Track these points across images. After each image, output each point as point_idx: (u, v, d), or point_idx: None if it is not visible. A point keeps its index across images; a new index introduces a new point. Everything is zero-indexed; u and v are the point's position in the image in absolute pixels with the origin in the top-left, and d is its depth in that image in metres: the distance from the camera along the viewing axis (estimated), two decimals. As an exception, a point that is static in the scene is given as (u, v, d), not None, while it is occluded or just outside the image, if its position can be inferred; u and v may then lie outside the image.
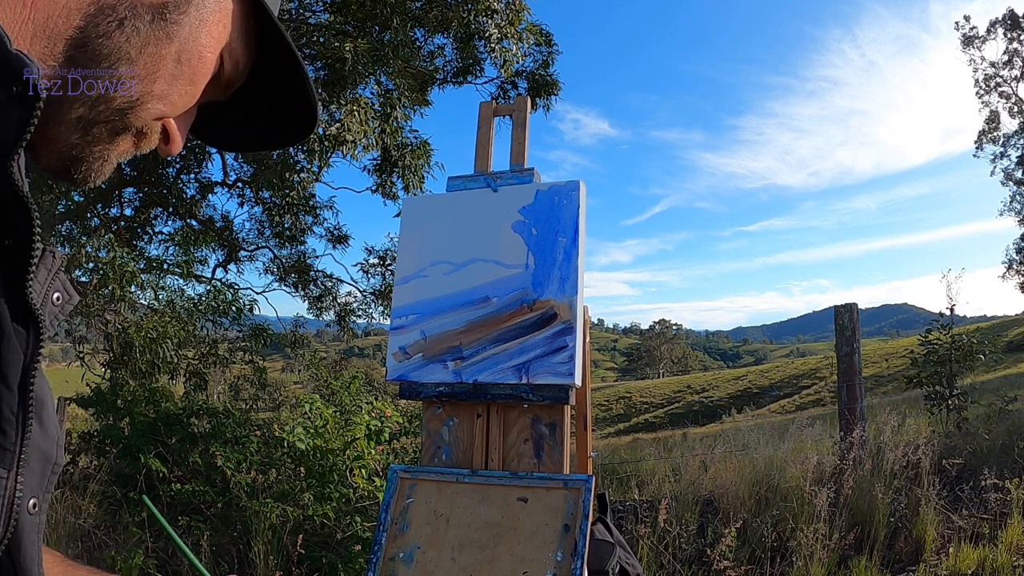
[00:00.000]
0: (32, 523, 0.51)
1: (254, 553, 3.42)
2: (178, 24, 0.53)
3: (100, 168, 0.55)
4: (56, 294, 0.56)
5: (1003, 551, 3.56)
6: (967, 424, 5.51)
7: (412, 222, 1.37)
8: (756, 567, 3.61)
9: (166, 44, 0.52)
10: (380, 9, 6.32)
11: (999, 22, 28.76)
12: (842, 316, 5.09)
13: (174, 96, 0.55)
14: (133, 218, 8.28)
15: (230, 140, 0.73)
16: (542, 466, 1.19)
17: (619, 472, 5.57)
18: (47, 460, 0.52)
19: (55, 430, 0.54)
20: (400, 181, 7.16)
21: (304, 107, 0.67)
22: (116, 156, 0.56)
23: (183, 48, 0.54)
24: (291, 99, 0.67)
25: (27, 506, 0.50)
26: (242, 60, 0.61)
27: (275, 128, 0.70)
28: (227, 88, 0.63)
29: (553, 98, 7.63)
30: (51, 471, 0.53)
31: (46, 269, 0.54)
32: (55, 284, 0.55)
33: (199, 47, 0.55)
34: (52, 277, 0.55)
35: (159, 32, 0.51)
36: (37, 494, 0.51)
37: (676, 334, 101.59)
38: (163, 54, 0.52)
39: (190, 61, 0.55)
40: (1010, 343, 31.41)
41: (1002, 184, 30.06)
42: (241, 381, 8.23)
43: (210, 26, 0.55)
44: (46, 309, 0.54)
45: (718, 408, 35.31)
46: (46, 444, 0.52)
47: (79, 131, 0.52)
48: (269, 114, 0.69)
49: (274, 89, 0.66)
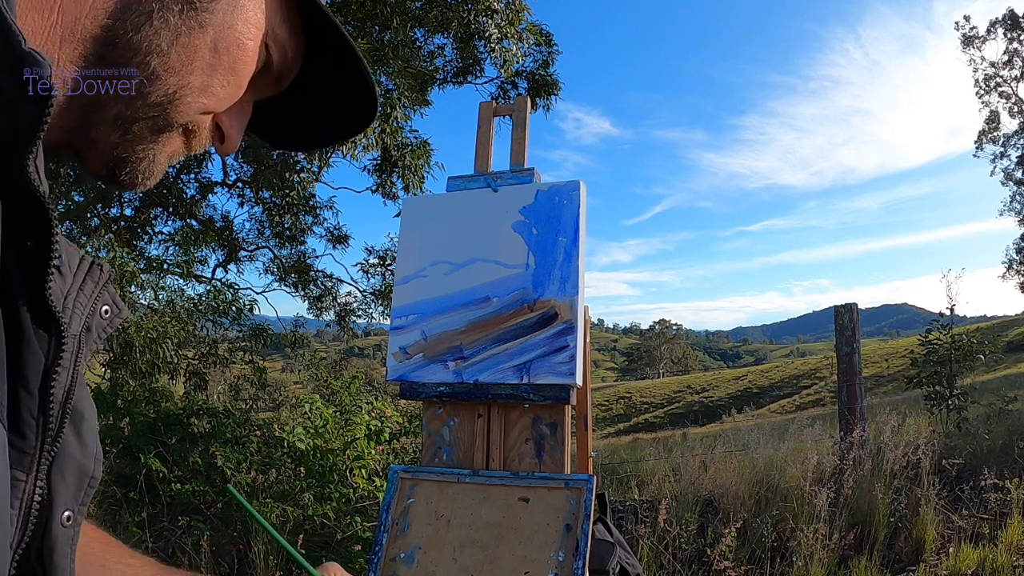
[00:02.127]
0: (66, 536, 0.50)
1: (254, 553, 3.42)
2: (210, 12, 0.51)
3: (148, 169, 0.54)
4: (105, 307, 0.55)
5: (1003, 551, 3.56)
6: (967, 424, 5.51)
7: (412, 222, 1.37)
8: (756, 567, 3.61)
9: (199, 34, 0.51)
10: (380, 9, 6.32)
11: (999, 22, 28.76)
12: (842, 316, 5.09)
13: (216, 88, 0.53)
14: (133, 218, 8.28)
15: (290, 138, 0.71)
16: (543, 466, 1.19)
17: (619, 472, 5.57)
18: (84, 474, 0.52)
19: (94, 444, 0.53)
20: (400, 181, 7.16)
21: (360, 95, 0.65)
22: (165, 157, 0.55)
23: (219, 36, 0.52)
24: (345, 89, 0.65)
25: (61, 518, 0.49)
26: (290, 47, 0.59)
27: (334, 121, 0.68)
28: (279, 80, 0.61)
29: (553, 98, 7.64)
30: (88, 485, 0.52)
31: (93, 282, 0.54)
32: (103, 297, 0.55)
33: (236, 34, 0.53)
34: (100, 290, 0.55)
35: (190, 22, 0.50)
36: (72, 507, 0.51)
37: (676, 334, 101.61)
38: (197, 44, 0.51)
39: (228, 49, 0.53)
40: (1010, 343, 31.42)
41: (1002, 184, 30.09)
42: (241, 381, 8.23)
43: (246, 12, 0.53)
44: (93, 320, 0.54)
45: (718, 408, 35.31)
46: (84, 457, 0.52)
47: (119, 130, 0.51)
48: (326, 106, 0.67)
49: (327, 79, 0.64)
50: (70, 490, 0.50)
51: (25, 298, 0.45)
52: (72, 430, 0.50)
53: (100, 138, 0.51)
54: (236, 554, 3.66)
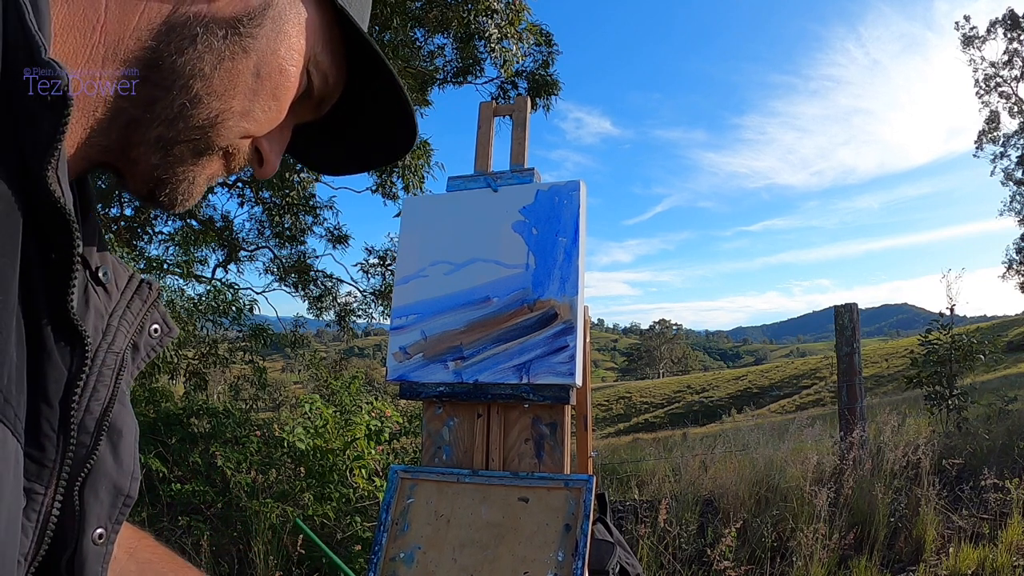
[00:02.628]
0: (97, 553, 0.50)
1: (254, 553, 3.42)
2: (254, 37, 0.51)
3: (187, 191, 0.54)
4: (155, 326, 0.56)
5: (1003, 551, 3.56)
6: (967, 424, 5.51)
7: (412, 222, 1.37)
8: (756, 567, 3.61)
9: (243, 59, 0.51)
10: (380, 9, 6.32)
11: (999, 22, 28.77)
12: (842, 316, 5.09)
13: (257, 112, 0.54)
14: (133, 218, 8.28)
15: (328, 162, 0.71)
16: (543, 466, 1.19)
17: (619, 472, 5.57)
18: (119, 492, 0.52)
19: (131, 463, 0.53)
20: (400, 181, 7.17)
21: (399, 123, 0.64)
22: (205, 179, 0.55)
23: (261, 62, 0.52)
24: (384, 116, 0.64)
25: (93, 535, 0.49)
26: (331, 74, 0.59)
27: (370, 146, 0.68)
28: (320, 105, 0.61)
29: (553, 98, 7.64)
30: (123, 503, 0.52)
31: (141, 300, 0.54)
32: (153, 315, 0.55)
33: (279, 60, 0.53)
34: (148, 308, 0.55)
35: (234, 47, 0.50)
36: (105, 524, 0.50)
37: (676, 334, 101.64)
38: (240, 69, 0.51)
39: (271, 75, 0.53)
40: (1010, 343, 31.42)
41: (1002, 184, 30.10)
42: (241, 381, 8.23)
43: (290, 38, 0.53)
44: (141, 338, 0.54)
45: (718, 408, 35.31)
46: (119, 476, 0.52)
47: (159, 151, 0.51)
48: (363, 132, 0.67)
49: (366, 104, 0.63)
50: (103, 507, 0.50)
51: (47, 312, 0.44)
52: (109, 447, 0.50)
53: (141, 159, 0.51)
54: (236, 554, 3.66)
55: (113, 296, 0.52)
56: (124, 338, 0.52)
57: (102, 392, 0.49)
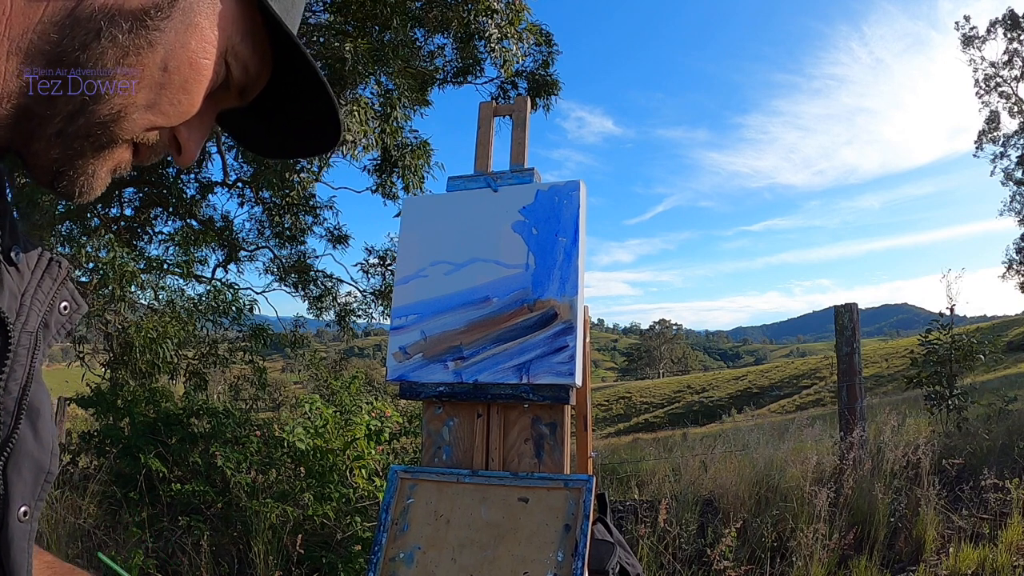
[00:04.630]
0: (22, 531, 0.50)
1: (254, 553, 3.42)
2: (161, 31, 0.49)
3: (87, 183, 0.53)
4: (64, 303, 0.55)
5: (1003, 551, 3.56)
6: (967, 424, 5.51)
7: (412, 222, 1.37)
8: (756, 567, 3.61)
9: (148, 52, 0.49)
10: (380, 9, 6.32)
11: (999, 22, 28.76)
12: (842, 316, 5.09)
13: (164, 106, 0.52)
14: (133, 218, 8.28)
15: (259, 143, 0.70)
16: (542, 466, 1.19)
17: (619, 472, 5.56)
18: (40, 469, 0.52)
19: (50, 439, 0.53)
20: (400, 181, 7.16)
21: (327, 117, 0.63)
22: (108, 170, 0.54)
23: (169, 56, 0.50)
24: (314, 105, 0.63)
25: (18, 513, 0.50)
26: (253, 63, 0.57)
27: (298, 137, 0.67)
28: (242, 94, 0.60)
29: (553, 98, 7.65)
30: (44, 479, 0.53)
31: (51, 278, 0.54)
32: (62, 293, 0.55)
33: (188, 53, 0.51)
34: (58, 286, 0.55)
35: (139, 40, 0.49)
36: (29, 502, 0.51)
37: (676, 334, 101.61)
38: (145, 63, 0.49)
39: (180, 69, 0.51)
40: (1010, 343, 31.42)
41: (1002, 184, 30.08)
42: (241, 381, 8.23)
43: (202, 30, 0.52)
44: (52, 316, 0.54)
45: (718, 408, 35.30)
46: (40, 453, 0.52)
47: (59, 146, 0.50)
48: (293, 122, 0.65)
49: (297, 96, 0.62)
50: (27, 485, 0.51)
51: None
52: (28, 426, 0.51)
53: (41, 152, 0.50)
54: (236, 554, 3.66)
55: (24, 275, 0.52)
56: (37, 317, 0.52)
57: (19, 372, 0.49)
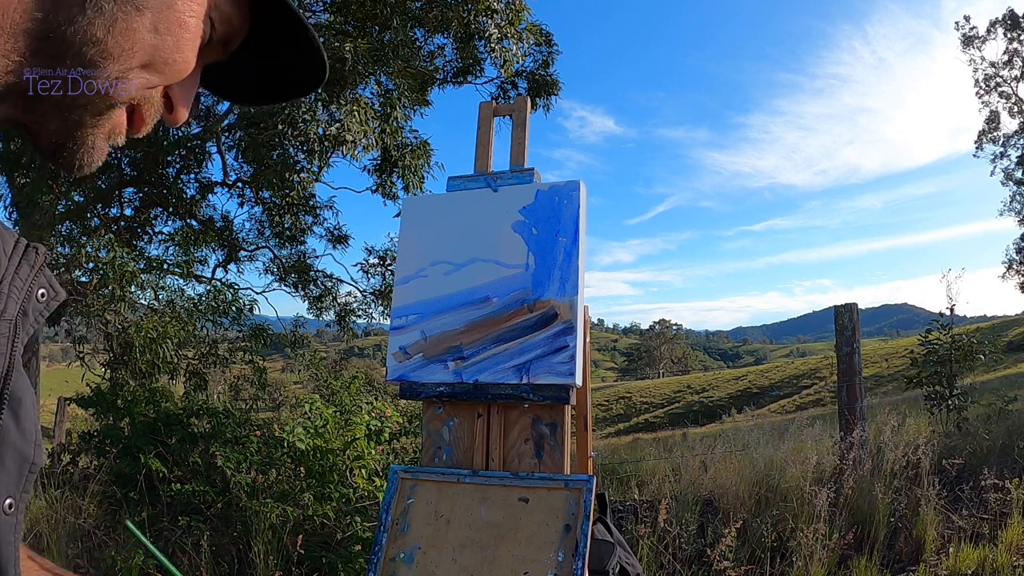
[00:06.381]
0: (8, 523, 0.50)
1: (254, 553, 3.42)
2: None
3: (86, 156, 0.53)
4: (41, 290, 0.55)
5: (1003, 551, 3.56)
6: (967, 424, 5.50)
7: (412, 222, 1.37)
8: (756, 567, 3.60)
9: (136, 17, 0.49)
10: (380, 9, 6.32)
11: (999, 22, 28.75)
12: (842, 316, 5.09)
13: (159, 65, 0.52)
14: (133, 218, 8.28)
15: (243, 93, 0.70)
16: (543, 466, 1.19)
17: (619, 472, 5.56)
18: (24, 460, 0.51)
19: (33, 430, 0.53)
20: (400, 181, 7.17)
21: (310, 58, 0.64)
22: (103, 137, 0.54)
23: (158, 19, 0.50)
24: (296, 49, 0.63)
25: (3, 506, 0.49)
26: (235, 15, 0.58)
27: (284, 81, 0.68)
28: (226, 47, 0.60)
29: (554, 98, 7.65)
30: (28, 471, 0.52)
31: (29, 265, 0.53)
32: (40, 280, 0.55)
33: (176, 13, 0.51)
34: (36, 273, 0.54)
35: (126, 7, 0.48)
36: (13, 494, 0.50)
37: (676, 334, 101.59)
38: (135, 28, 0.49)
39: (171, 30, 0.51)
40: (1010, 343, 31.42)
41: (1002, 184, 30.08)
42: (241, 381, 8.23)
43: None
44: (30, 304, 0.53)
45: (718, 408, 35.28)
46: (23, 444, 0.51)
47: (57, 118, 0.50)
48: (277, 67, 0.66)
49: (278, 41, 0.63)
50: (11, 477, 0.50)
51: None
52: (11, 416, 0.50)
53: (41, 125, 0.51)
54: (236, 554, 3.66)
55: (1, 263, 0.52)
56: (15, 305, 0.52)
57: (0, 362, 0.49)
